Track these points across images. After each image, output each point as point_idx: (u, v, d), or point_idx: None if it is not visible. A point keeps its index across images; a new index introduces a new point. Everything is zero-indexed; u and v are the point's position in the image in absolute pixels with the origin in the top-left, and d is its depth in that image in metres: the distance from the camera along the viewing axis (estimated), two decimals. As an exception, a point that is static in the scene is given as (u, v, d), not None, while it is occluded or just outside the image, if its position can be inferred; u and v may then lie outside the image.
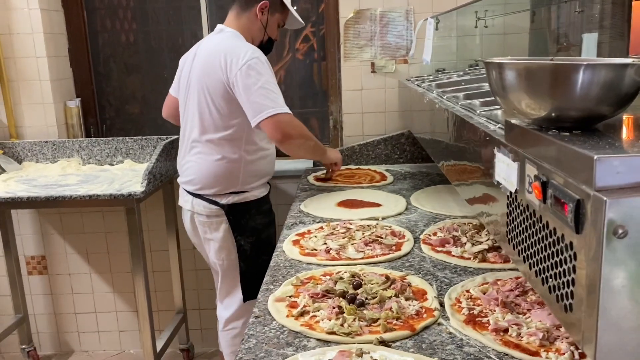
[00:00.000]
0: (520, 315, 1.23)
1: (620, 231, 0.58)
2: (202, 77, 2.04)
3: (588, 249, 0.62)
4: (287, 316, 1.28)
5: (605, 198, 0.58)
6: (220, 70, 1.97)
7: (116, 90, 3.14)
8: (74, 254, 2.97)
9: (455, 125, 1.35)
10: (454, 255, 1.60)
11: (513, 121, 0.89)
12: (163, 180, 2.55)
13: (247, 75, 1.92)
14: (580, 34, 2.12)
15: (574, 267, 0.66)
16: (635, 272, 0.59)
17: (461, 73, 2.39)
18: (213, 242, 2.14)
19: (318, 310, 1.28)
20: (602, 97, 0.74)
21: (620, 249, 0.59)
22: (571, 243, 0.67)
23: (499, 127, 1.06)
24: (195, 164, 2.10)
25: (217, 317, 2.27)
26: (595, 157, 0.60)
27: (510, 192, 0.90)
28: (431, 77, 2.40)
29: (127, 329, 3.07)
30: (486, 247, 1.61)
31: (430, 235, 1.77)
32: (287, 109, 1.96)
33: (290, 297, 1.38)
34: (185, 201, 2.18)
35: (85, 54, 3.00)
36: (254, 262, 2.11)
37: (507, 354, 1.09)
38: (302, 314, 1.28)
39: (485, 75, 2.09)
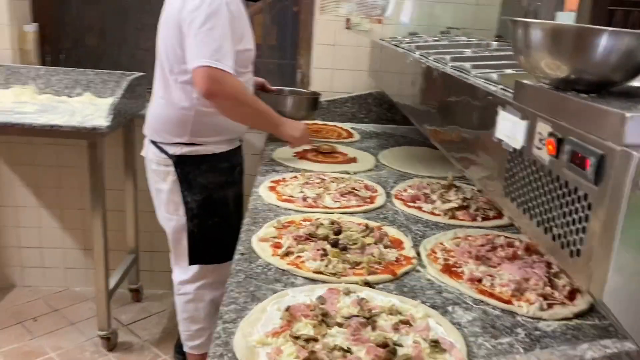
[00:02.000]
0: (492, 268, 1.31)
1: (641, 184, 0.64)
2: (166, 17, 1.89)
3: (607, 200, 0.68)
4: (273, 255, 1.31)
5: (634, 153, 0.64)
6: (177, 8, 1.81)
7: (75, 20, 2.97)
8: (22, 186, 2.85)
9: (448, 85, 1.40)
10: (425, 211, 1.68)
11: (525, 82, 0.94)
12: (126, 117, 2.48)
13: (195, 17, 1.74)
14: (553, 12, 2.21)
15: (587, 216, 0.73)
16: (647, 222, 0.66)
17: (436, 38, 2.44)
18: (161, 193, 2.01)
19: (302, 252, 1.32)
20: (620, 64, 0.80)
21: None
22: (585, 195, 0.73)
23: (500, 88, 1.11)
24: (151, 106, 2.01)
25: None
26: (628, 115, 0.65)
27: (514, 149, 0.96)
28: (407, 39, 2.43)
29: (74, 267, 3.00)
30: (456, 205, 1.69)
31: (401, 191, 1.84)
32: (223, 65, 1.74)
33: (273, 238, 1.41)
34: (144, 147, 2.07)
35: (45, -25, 2.82)
36: (203, 223, 1.98)
37: (482, 301, 1.18)
38: (287, 254, 1.32)
39: (462, 42, 2.14)
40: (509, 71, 1.32)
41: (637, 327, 0.69)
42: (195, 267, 2.03)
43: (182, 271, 2.08)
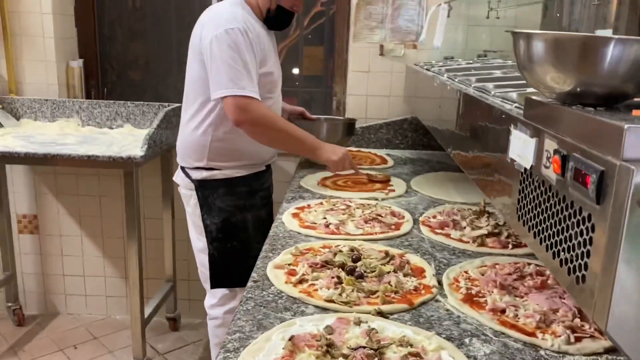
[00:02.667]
0: (518, 298, 1.23)
1: (644, 201, 0.58)
2: (191, 44, 1.95)
3: (608, 219, 0.62)
4: (286, 282, 1.28)
5: (632, 167, 0.58)
6: (199, 37, 1.87)
7: (119, 55, 3.10)
8: (67, 215, 2.95)
9: (467, 106, 1.35)
10: (452, 238, 1.61)
11: (534, 97, 0.89)
12: (162, 147, 2.53)
13: (215, 46, 1.78)
14: (594, 30, 2.12)
15: (590, 238, 0.66)
16: (654, 244, 0.60)
17: (470, 61, 2.38)
18: (188, 216, 2.07)
19: (317, 279, 1.28)
20: (630, 75, 0.74)
21: (643, 219, 0.59)
22: (589, 215, 0.67)
23: (515, 106, 1.06)
24: (179, 133, 2.07)
25: None
26: (625, 127, 0.60)
27: (525, 169, 0.90)
28: (440, 63, 2.39)
29: (114, 295, 3.06)
30: (485, 232, 1.61)
31: (429, 217, 1.78)
32: (248, 92, 1.78)
33: (289, 265, 1.38)
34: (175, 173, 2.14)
35: (90, 14, 2.96)
36: (222, 247, 1.99)
37: (503, 333, 1.10)
38: (301, 281, 1.28)
39: (495, 64, 2.09)
40: (530, 89, 1.26)
41: (649, 363, 0.62)
42: (222, 291, 2.05)
43: (210, 295, 2.10)
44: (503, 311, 1.18)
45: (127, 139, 2.58)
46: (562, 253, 0.74)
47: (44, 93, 2.81)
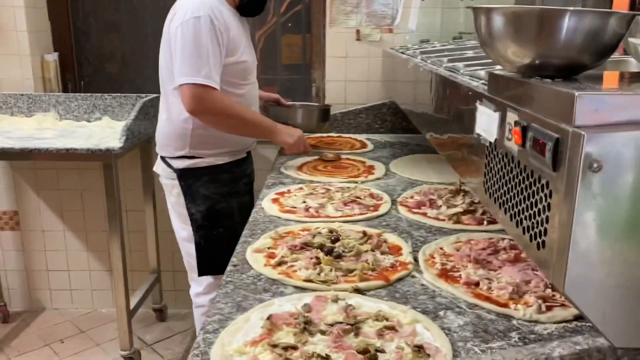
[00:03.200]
0: (492, 272, 1.26)
1: (595, 165, 0.61)
2: (164, 33, 1.95)
3: (563, 184, 0.64)
4: (265, 265, 1.30)
5: (583, 133, 0.60)
6: (167, 25, 1.89)
7: (95, 48, 3.07)
8: (48, 210, 2.93)
9: (439, 86, 1.37)
10: (429, 217, 1.64)
11: (496, 72, 0.91)
12: (141, 138, 2.53)
13: (179, 34, 1.79)
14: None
15: (548, 205, 0.69)
16: (606, 206, 0.62)
17: (445, 43, 2.40)
18: (171, 206, 2.07)
19: (296, 261, 1.30)
20: (585, 46, 0.76)
21: (594, 183, 0.61)
22: (547, 182, 0.69)
23: (482, 83, 1.08)
24: (158, 123, 2.06)
25: None
26: (576, 94, 0.62)
27: (490, 143, 0.92)
28: (415, 46, 2.41)
29: (100, 288, 3.05)
30: (461, 210, 1.64)
31: (407, 198, 1.80)
32: (205, 81, 1.78)
33: (268, 248, 1.39)
34: (155, 163, 2.14)
35: (64, 7, 2.92)
36: (208, 234, 2.01)
37: (477, 305, 1.13)
38: (280, 263, 1.30)
39: (469, 45, 2.11)
40: (499, 67, 1.28)
41: (604, 320, 0.65)
42: (208, 279, 2.05)
43: (196, 284, 2.10)
44: (477, 284, 1.21)
45: (105, 132, 2.57)
46: (525, 221, 0.77)
47: (19, 88, 2.78)
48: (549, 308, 1.10)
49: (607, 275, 0.64)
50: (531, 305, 1.10)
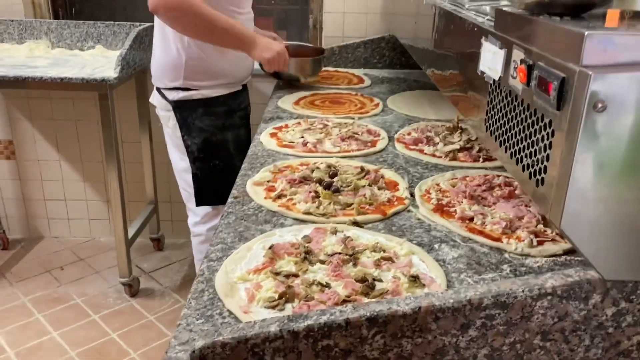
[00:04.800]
0: (486, 207, 1.30)
1: (600, 105, 0.62)
2: None
3: (567, 123, 0.66)
4: (265, 198, 1.32)
5: (590, 72, 0.61)
6: None
7: (86, -29, 2.96)
8: (43, 140, 2.92)
9: (442, 21, 1.35)
10: (426, 153, 1.66)
11: (504, 9, 0.90)
12: (136, 68, 2.49)
13: None
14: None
15: (550, 143, 0.71)
16: (607, 146, 0.64)
17: (448, -24, 2.34)
18: (168, 138, 2.07)
19: (295, 194, 1.33)
20: (596, -16, 0.75)
21: (598, 122, 0.63)
22: (550, 121, 0.71)
23: (487, 19, 1.07)
24: (152, 54, 2.02)
25: None
26: (586, 33, 0.62)
27: (494, 80, 0.93)
28: (417, -22, 2.34)
29: (97, 218, 3.10)
30: (457, 147, 1.66)
31: (404, 134, 1.82)
32: None
33: (268, 182, 1.42)
34: (151, 95, 2.11)
35: None
36: (205, 166, 2.01)
37: (470, 239, 1.17)
38: (280, 196, 1.33)
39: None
40: (505, 2, 1.27)
41: (596, 255, 0.68)
42: (205, 209, 2.09)
43: (194, 214, 2.14)
44: (471, 219, 1.24)
45: (99, 61, 2.53)
46: (525, 159, 0.79)
47: (7, 13, 2.70)
48: (540, 243, 1.15)
49: (602, 213, 0.67)
50: (523, 240, 1.14)
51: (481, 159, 1.61)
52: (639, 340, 0.74)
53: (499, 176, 1.47)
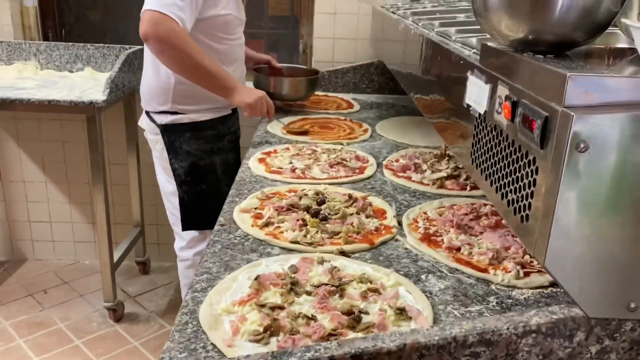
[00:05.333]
0: (473, 237, 1.30)
1: (582, 145, 0.62)
2: None
3: (550, 162, 0.66)
4: (252, 226, 1.32)
5: (572, 113, 0.62)
6: None
7: (77, -6, 2.98)
8: (29, 161, 2.90)
9: (429, 51, 1.37)
10: (413, 181, 1.66)
11: (489, 44, 0.91)
12: (125, 91, 2.49)
13: None
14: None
15: (534, 181, 0.71)
16: (589, 185, 0.64)
17: (436, 4, 2.38)
18: (157, 161, 2.07)
19: (282, 222, 1.32)
20: (579, 23, 0.76)
21: (580, 163, 0.63)
22: (534, 159, 0.71)
23: (473, 52, 1.08)
24: (142, 76, 2.03)
25: None
26: (568, 75, 0.63)
27: (479, 114, 0.94)
28: (407, 5, 2.38)
29: (82, 240, 3.06)
30: (445, 174, 1.67)
31: (392, 161, 1.82)
32: (169, 12, 1.66)
33: (255, 209, 1.41)
34: (140, 118, 2.11)
35: (44, -50, 2.81)
36: (191, 190, 2.01)
37: (457, 269, 1.17)
38: (267, 224, 1.32)
39: (460, 7, 2.09)
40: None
41: (580, 292, 0.68)
42: (191, 233, 2.08)
43: (180, 238, 2.13)
44: (458, 249, 1.24)
45: (88, 83, 2.53)
46: (510, 194, 0.79)
47: (-3, 35, 2.70)
48: (526, 274, 1.15)
49: (586, 251, 0.67)
50: (510, 271, 1.14)
51: (468, 187, 1.61)
52: (624, 378, 0.74)
53: (485, 205, 1.47)
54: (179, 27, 1.70)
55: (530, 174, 0.72)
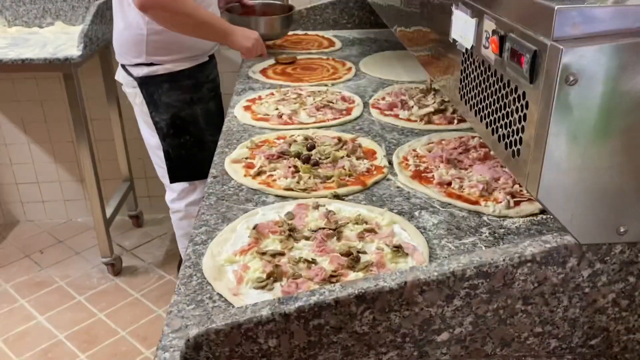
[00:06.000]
0: (463, 171, 1.32)
1: (571, 78, 0.63)
2: None
3: (540, 96, 0.67)
4: (245, 175, 1.32)
5: (561, 47, 0.62)
6: None
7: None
8: (9, 123, 2.85)
9: (410, -15, 1.34)
10: (401, 118, 1.66)
11: (474, -23, 0.90)
12: (99, 44, 2.42)
13: None
14: None
15: (524, 115, 0.72)
16: (579, 117, 0.65)
17: None
18: (137, 114, 2.04)
19: (274, 170, 1.33)
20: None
21: (570, 95, 0.64)
22: (524, 93, 0.72)
23: (457, -15, 1.06)
24: (114, 30, 1.97)
25: None
26: (555, 8, 0.63)
27: (466, 49, 0.93)
28: None
29: (72, 198, 3.06)
30: (432, 109, 1.67)
31: (378, 99, 1.82)
32: None
33: (246, 159, 1.41)
34: (116, 72, 2.07)
35: None
36: (175, 142, 2.00)
37: (450, 204, 1.20)
38: (259, 173, 1.33)
39: None
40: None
41: (572, 221, 0.71)
42: (181, 185, 2.09)
43: (170, 190, 2.14)
44: (449, 184, 1.27)
45: (60, 38, 2.45)
46: (500, 129, 0.80)
47: (-42, -8, 2.58)
48: (516, 203, 1.18)
49: (577, 181, 0.69)
50: (501, 202, 1.17)
51: (456, 121, 1.62)
52: (613, 297, 0.78)
53: (473, 137, 1.49)
54: None
55: (520, 108, 0.73)
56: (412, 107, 1.71)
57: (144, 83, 1.92)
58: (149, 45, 1.87)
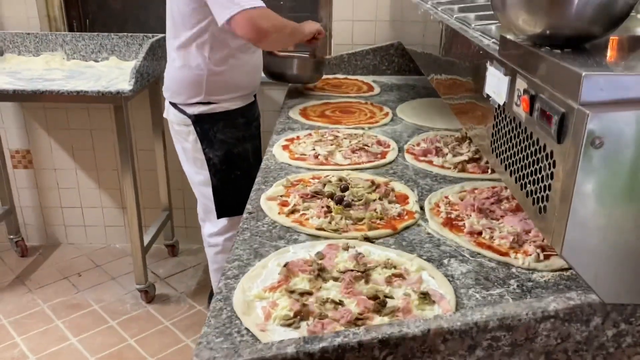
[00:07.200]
0: (494, 221, 1.33)
1: (597, 142, 0.65)
2: None
3: (567, 157, 0.69)
4: (279, 213, 1.37)
5: (587, 111, 0.64)
6: None
7: (99, -17, 3.02)
8: (59, 149, 2.99)
9: (448, 38, 1.38)
10: (435, 165, 1.69)
11: (508, 36, 0.93)
12: (150, 79, 2.54)
13: None
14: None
15: (551, 174, 0.74)
16: (605, 179, 0.67)
17: (455, -15, 2.36)
18: (186, 152, 2.11)
19: (308, 209, 1.37)
20: (595, 18, 0.78)
21: (595, 158, 0.66)
22: (552, 152, 0.74)
23: (492, 42, 1.10)
24: (167, 70, 2.07)
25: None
26: (583, 74, 0.65)
27: (499, 105, 0.96)
28: (425, -13, 2.37)
29: (112, 224, 3.16)
30: (466, 158, 1.69)
31: (414, 145, 1.85)
32: (259, 3, 1.77)
33: (281, 196, 1.46)
34: (165, 109, 2.16)
35: (65, -60, 2.85)
36: (225, 178, 2.07)
37: (479, 254, 1.20)
38: (293, 211, 1.37)
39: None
40: (510, 22, 1.29)
41: (596, 280, 0.71)
42: (223, 220, 2.14)
43: (212, 225, 2.19)
44: (480, 233, 1.28)
45: (113, 72, 2.59)
46: (529, 185, 0.82)
47: (24, 26, 2.76)
48: (546, 257, 1.18)
49: (601, 240, 0.70)
50: (530, 254, 1.18)
51: (489, 171, 1.64)
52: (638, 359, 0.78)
53: (506, 188, 1.50)
54: (267, 11, 1.82)
55: (547, 166, 0.75)
56: (447, 154, 1.74)
57: (199, 121, 2.01)
58: (209, 86, 1.97)
